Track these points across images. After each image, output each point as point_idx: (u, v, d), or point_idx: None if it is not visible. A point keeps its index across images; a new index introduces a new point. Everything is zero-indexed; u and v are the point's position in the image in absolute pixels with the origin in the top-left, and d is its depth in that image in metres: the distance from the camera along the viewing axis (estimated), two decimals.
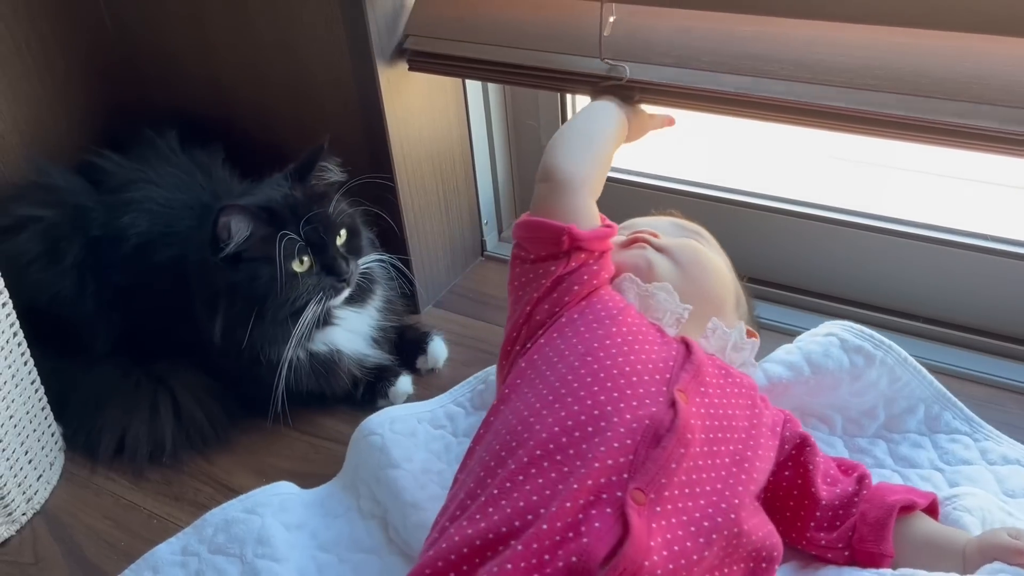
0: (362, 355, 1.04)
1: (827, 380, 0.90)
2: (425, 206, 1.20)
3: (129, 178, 1.10)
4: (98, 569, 0.90)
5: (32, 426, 0.97)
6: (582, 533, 0.60)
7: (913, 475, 0.87)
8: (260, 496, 0.91)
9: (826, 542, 0.75)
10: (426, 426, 0.96)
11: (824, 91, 0.87)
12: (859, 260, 1.10)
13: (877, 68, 0.84)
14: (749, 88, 0.90)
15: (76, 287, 1.07)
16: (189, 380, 1.05)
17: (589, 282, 0.81)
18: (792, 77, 0.88)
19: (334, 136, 1.00)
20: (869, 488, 0.76)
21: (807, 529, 0.77)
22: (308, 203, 0.96)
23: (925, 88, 0.82)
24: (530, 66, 1.02)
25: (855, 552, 0.74)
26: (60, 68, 1.23)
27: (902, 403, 0.91)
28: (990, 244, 1.03)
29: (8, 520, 0.95)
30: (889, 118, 0.85)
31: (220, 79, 1.21)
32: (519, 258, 0.84)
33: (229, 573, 0.84)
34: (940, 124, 0.83)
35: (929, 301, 1.09)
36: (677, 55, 0.93)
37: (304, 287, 0.94)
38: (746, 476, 0.70)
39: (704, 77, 0.92)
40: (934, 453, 0.89)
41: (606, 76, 0.97)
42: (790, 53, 0.88)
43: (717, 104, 0.93)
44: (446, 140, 1.20)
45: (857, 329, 0.91)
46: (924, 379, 0.91)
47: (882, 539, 0.72)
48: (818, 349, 0.90)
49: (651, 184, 1.23)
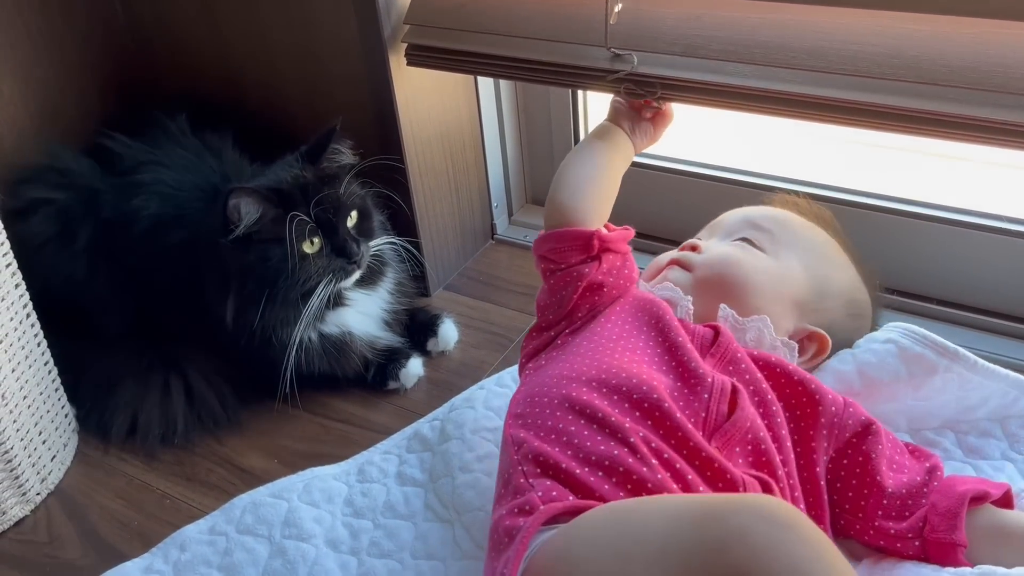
0: (374, 337, 1.05)
1: (883, 392, 0.85)
2: (435, 189, 1.19)
3: (140, 161, 1.10)
4: (112, 548, 0.91)
5: (46, 407, 0.98)
6: None
7: (985, 466, 0.83)
8: (286, 482, 0.91)
9: (896, 531, 0.73)
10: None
11: (838, 80, 0.83)
12: (864, 241, 1.09)
13: (893, 56, 0.81)
14: (758, 80, 0.86)
15: (88, 269, 1.08)
16: (201, 362, 1.05)
17: (620, 284, 0.84)
18: (804, 66, 0.84)
19: (344, 118, 1.00)
20: (940, 479, 0.74)
21: (874, 518, 0.74)
22: (319, 184, 0.96)
23: (944, 77, 0.78)
24: (534, 60, 0.99)
25: (926, 543, 0.72)
26: (71, 52, 1.23)
27: (974, 397, 0.85)
28: (1001, 224, 1.02)
29: (23, 500, 0.95)
30: (906, 112, 0.81)
31: (230, 62, 1.21)
32: (549, 271, 0.85)
33: (258, 552, 0.84)
34: (960, 118, 0.79)
35: (941, 282, 1.08)
36: (685, 44, 0.90)
37: (315, 268, 0.94)
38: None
39: (713, 66, 0.89)
40: (1005, 443, 0.84)
41: (612, 70, 0.93)
42: (802, 41, 0.85)
43: (726, 99, 0.90)
44: (456, 122, 1.20)
45: (920, 334, 0.84)
46: (999, 377, 0.84)
47: (954, 528, 0.70)
48: (873, 359, 0.85)
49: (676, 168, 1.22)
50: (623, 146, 0.92)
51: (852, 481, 0.76)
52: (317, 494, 0.89)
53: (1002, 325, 1.05)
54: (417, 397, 1.06)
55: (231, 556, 0.84)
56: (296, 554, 0.83)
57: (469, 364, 1.09)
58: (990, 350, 1.01)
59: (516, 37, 1.00)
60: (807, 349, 0.86)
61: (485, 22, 1.02)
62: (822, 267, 0.89)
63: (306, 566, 0.83)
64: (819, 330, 0.86)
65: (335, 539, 0.85)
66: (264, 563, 0.83)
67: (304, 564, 0.83)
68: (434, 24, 1.05)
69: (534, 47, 0.99)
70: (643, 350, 0.77)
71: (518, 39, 1.00)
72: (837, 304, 0.89)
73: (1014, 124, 0.76)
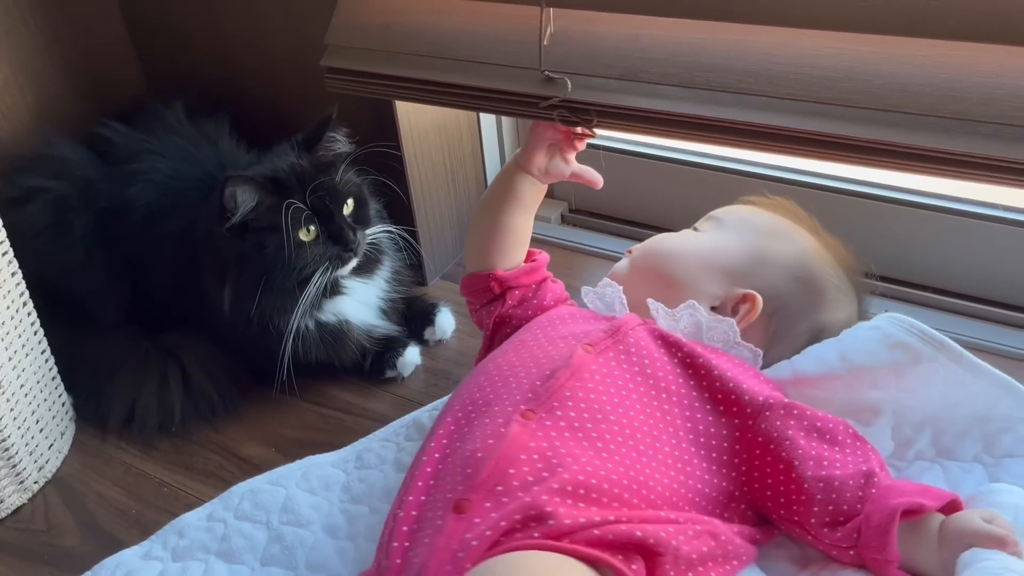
0: (370, 325, 1.05)
1: (864, 377, 0.83)
2: (432, 178, 1.19)
3: (136, 149, 1.10)
4: (110, 536, 0.91)
5: (43, 396, 0.98)
6: (475, 439, 0.72)
7: (953, 466, 0.81)
8: (284, 470, 0.91)
9: (830, 541, 0.72)
10: None
11: (785, 105, 0.78)
12: (858, 229, 1.09)
13: (844, 80, 0.76)
14: (699, 105, 0.82)
15: (85, 258, 1.08)
16: (198, 350, 1.05)
17: (530, 313, 0.91)
18: (750, 91, 0.79)
19: (340, 106, 0.99)
20: (878, 485, 0.71)
21: (808, 524, 0.73)
22: (314, 172, 0.96)
23: (897, 102, 0.74)
24: (462, 84, 0.93)
25: (861, 556, 0.71)
26: (67, 39, 1.23)
27: (959, 394, 0.82)
28: (998, 213, 1.02)
29: (20, 488, 0.95)
30: (856, 142, 0.77)
31: (226, 49, 1.21)
32: (471, 311, 0.97)
33: (256, 538, 0.84)
34: (916, 149, 0.74)
35: (937, 271, 1.08)
36: (623, 67, 0.85)
37: (311, 256, 0.94)
38: (663, 425, 0.75)
39: (652, 90, 0.84)
40: (980, 444, 0.82)
41: (545, 96, 0.87)
42: (747, 63, 0.80)
43: (665, 127, 0.85)
44: (453, 111, 1.20)
45: (908, 323, 0.83)
46: (984, 373, 0.81)
47: (884, 545, 0.68)
48: (856, 344, 0.83)
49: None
50: (525, 195, 0.93)
51: (767, 469, 0.75)
52: (315, 481, 0.89)
53: (998, 314, 1.05)
54: (414, 386, 1.06)
55: (229, 542, 0.84)
56: (294, 540, 0.84)
57: (466, 353, 1.09)
58: (987, 338, 1.02)
59: (443, 58, 0.94)
60: (740, 310, 0.86)
61: (410, 43, 0.96)
62: (762, 239, 0.90)
63: (304, 552, 0.83)
64: (750, 291, 0.86)
65: (332, 525, 0.85)
66: (262, 549, 0.84)
67: (302, 550, 0.83)
68: (356, 45, 1.00)
69: (464, 69, 0.93)
70: (523, 351, 0.82)
71: (445, 60, 0.94)
72: (777, 271, 0.88)
73: (970, 155, 0.72)
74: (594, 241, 1.25)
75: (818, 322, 0.88)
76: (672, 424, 0.76)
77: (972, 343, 1.01)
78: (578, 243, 1.26)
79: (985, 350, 1.00)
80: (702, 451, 0.76)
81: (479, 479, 0.67)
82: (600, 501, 0.67)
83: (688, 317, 0.85)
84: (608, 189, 1.29)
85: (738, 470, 0.76)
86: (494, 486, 0.67)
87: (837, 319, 0.88)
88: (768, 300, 0.86)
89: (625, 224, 1.27)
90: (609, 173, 0.94)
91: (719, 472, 0.76)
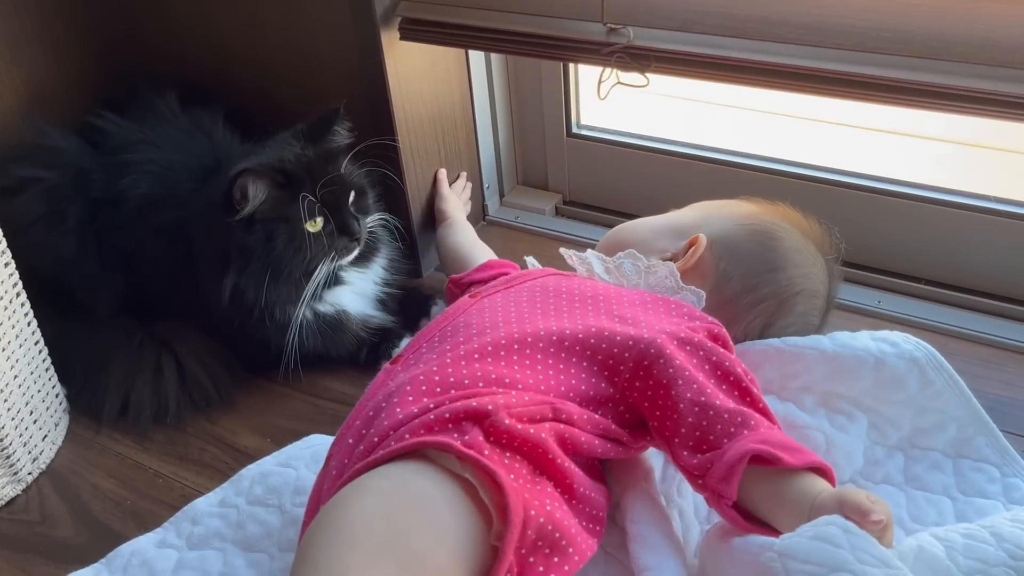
0: (367, 316, 1.05)
1: (848, 363, 0.85)
2: (427, 169, 1.19)
3: (129, 140, 1.10)
4: (105, 527, 0.91)
5: (36, 387, 0.97)
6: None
7: (919, 496, 0.82)
8: (293, 450, 0.91)
9: (685, 463, 0.73)
10: None
11: (832, 54, 0.86)
12: (855, 221, 1.10)
13: (887, 30, 0.82)
14: (754, 53, 0.89)
15: (78, 249, 1.07)
16: (192, 341, 1.05)
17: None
18: (800, 40, 0.86)
19: (334, 96, 0.99)
20: (752, 429, 0.71)
21: (672, 441, 0.74)
22: (323, 164, 0.96)
23: (936, 51, 0.81)
24: (529, 33, 1.00)
25: (706, 486, 0.71)
26: (59, 29, 1.22)
27: (932, 416, 0.85)
28: (990, 205, 1.03)
29: (14, 480, 0.95)
30: (899, 83, 0.84)
31: (219, 39, 1.20)
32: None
33: (270, 523, 0.84)
34: (953, 89, 0.81)
35: (930, 262, 1.09)
36: (682, 18, 0.91)
37: (319, 247, 0.95)
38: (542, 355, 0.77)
39: (708, 40, 0.91)
40: (952, 479, 0.83)
41: (607, 42, 0.95)
42: (799, 17, 0.86)
43: (720, 71, 0.92)
44: (448, 103, 1.20)
45: (924, 347, 0.85)
46: (960, 392, 0.84)
47: (726, 481, 0.69)
48: (847, 333, 0.88)
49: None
50: (458, 225, 1.17)
51: (649, 382, 0.75)
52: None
53: (976, 301, 1.06)
54: None
55: (244, 529, 0.84)
56: None
57: None
58: (981, 330, 1.03)
59: (511, 12, 1.01)
60: (686, 251, 0.91)
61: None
62: (717, 207, 0.97)
63: None
64: (696, 235, 0.91)
65: None
66: (278, 534, 0.83)
67: None
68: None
69: (529, 21, 1.00)
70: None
71: (513, 13, 1.01)
72: (726, 221, 0.93)
73: (1003, 95, 0.80)
74: (587, 233, 1.25)
75: (779, 279, 0.89)
76: (556, 333, 0.78)
77: (963, 334, 1.02)
78: (571, 235, 1.26)
79: (979, 341, 1.01)
80: (584, 362, 0.77)
81: (358, 421, 0.76)
82: (442, 394, 0.72)
83: (627, 264, 0.91)
84: (601, 181, 1.30)
85: (620, 376, 0.77)
86: (367, 416, 0.75)
87: (800, 276, 0.90)
88: (716, 242, 0.91)
89: (618, 216, 1.27)
90: (602, 165, 0.95)
91: (600, 374, 0.77)
